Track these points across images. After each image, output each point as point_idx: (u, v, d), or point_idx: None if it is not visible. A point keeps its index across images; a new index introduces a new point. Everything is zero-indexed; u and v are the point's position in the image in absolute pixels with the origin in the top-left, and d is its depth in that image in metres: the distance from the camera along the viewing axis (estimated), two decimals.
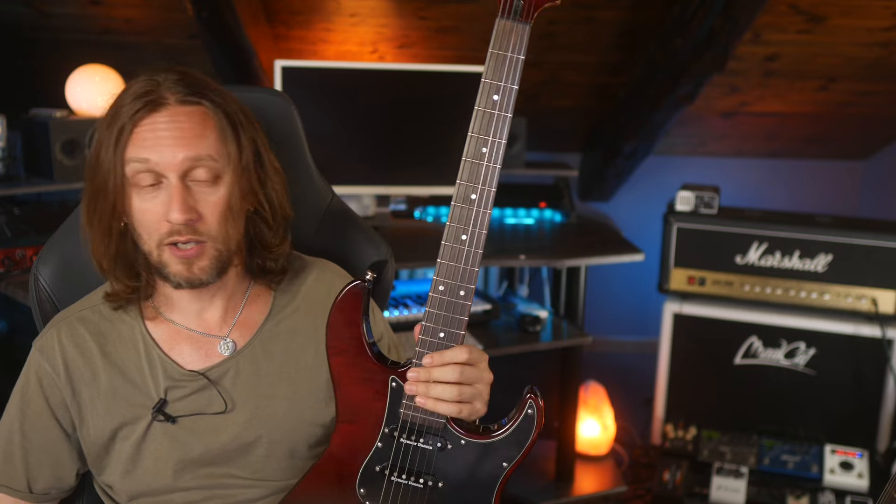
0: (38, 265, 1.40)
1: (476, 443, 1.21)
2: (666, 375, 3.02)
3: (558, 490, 2.80)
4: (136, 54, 3.32)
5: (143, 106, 1.18)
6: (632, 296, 4.05)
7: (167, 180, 1.18)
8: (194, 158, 1.18)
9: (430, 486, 1.22)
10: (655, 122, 3.53)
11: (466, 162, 1.13)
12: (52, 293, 1.40)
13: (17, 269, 2.41)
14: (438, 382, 1.17)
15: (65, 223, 1.44)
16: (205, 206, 1.20)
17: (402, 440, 1.22)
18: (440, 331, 1.17)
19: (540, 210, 3.27)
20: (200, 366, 1.30)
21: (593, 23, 3.13)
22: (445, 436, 1.21)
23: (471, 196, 1.14)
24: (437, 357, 1.17)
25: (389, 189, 2.87)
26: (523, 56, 1.13)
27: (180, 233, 1.19)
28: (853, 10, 3.00)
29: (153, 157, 1.17)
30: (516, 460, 1.22)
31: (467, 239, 1.16)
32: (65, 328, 1.30)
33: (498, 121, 1.13)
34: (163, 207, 1.18)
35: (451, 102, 2.85)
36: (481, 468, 1.22)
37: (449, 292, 1.16)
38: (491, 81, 1.13)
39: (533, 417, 1.21)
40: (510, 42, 1.13)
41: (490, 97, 1.13)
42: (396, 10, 3.13)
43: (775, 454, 2.82)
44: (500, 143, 1.13)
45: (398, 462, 1.22)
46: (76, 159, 2.61)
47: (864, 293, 2.83)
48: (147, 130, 1.18)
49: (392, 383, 1.21)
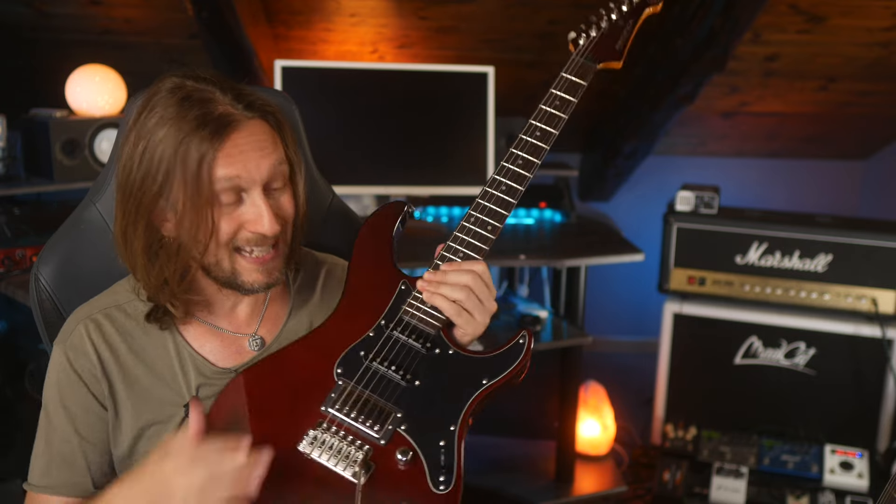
0: (38, 265, 1.40)
1: (462, 355, 1.26)
2: (666, 375, 3.02)
3: (558, 490, 2.80)
4: (136, 54, 3.32)
5: (220, 126, 1.17)
6: (632, 296, 4.05)
7: (247, 194, 1.20)
8: (275, 165, 1.22)
9: (406, 381, 1.23)
10: (655, 122, 3.53)
11: (530, 124, 1.41)
12: (52, 293, 1.39)
13: (17, 269, 2.41)
14: (449, 284, 1.25)
15: (65, 223, 1.44)
16: (280, 210, 1.25)
17: (394, 333, 1.26)
18: (461, 251, 1.31)
19: (540, 210, 3.27)
20: (231, 363, 1.31)
21: None
22: (436, 341, 1.27)
23: (518, 161, 1.36)
24: (455, 264, 1.28)
25: (389, 189, 2.87)
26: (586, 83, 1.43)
27: (264, 242, 1.22)
28: (853, 10, 3.00)
29: (242, 172, 1.18)
30: (496, 380, 1.24)
31: (506, 189, 1.33)
32: (92, 325, 1.28)
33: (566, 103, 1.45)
34: (244, 217, 1.20)
35: (451, 102, 2.85)
36: (460, 379, 1.24)
37: (479, 224, 1.32)
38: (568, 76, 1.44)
39: (523, 346, 1.29)
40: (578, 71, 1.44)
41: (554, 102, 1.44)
42: (396, 10, 3.13)
43: (775, 454, 2.82)
44: (561, 118, 1.43)
45: (383, 351, 1.25)
46: (76, 159, 2.61)
47: (864, 293, 2.83)
48: (232, 148, 1.17)
49: (402, 286, 1.32)
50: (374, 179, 2.84)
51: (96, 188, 1.44)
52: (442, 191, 2.90)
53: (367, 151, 2.85)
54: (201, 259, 1.22)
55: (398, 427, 1.19)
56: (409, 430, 1.19)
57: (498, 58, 3.13)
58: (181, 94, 1.18)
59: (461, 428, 1.20)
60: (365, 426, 1.18)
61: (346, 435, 1.18)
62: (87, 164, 2.62)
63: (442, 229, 2.95)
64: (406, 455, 1.16)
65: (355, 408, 1.20)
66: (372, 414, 1.20)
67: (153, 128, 1.17)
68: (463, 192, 2.92)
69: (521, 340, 1.29)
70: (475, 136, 2.85)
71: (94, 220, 1.42)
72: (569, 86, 1.42)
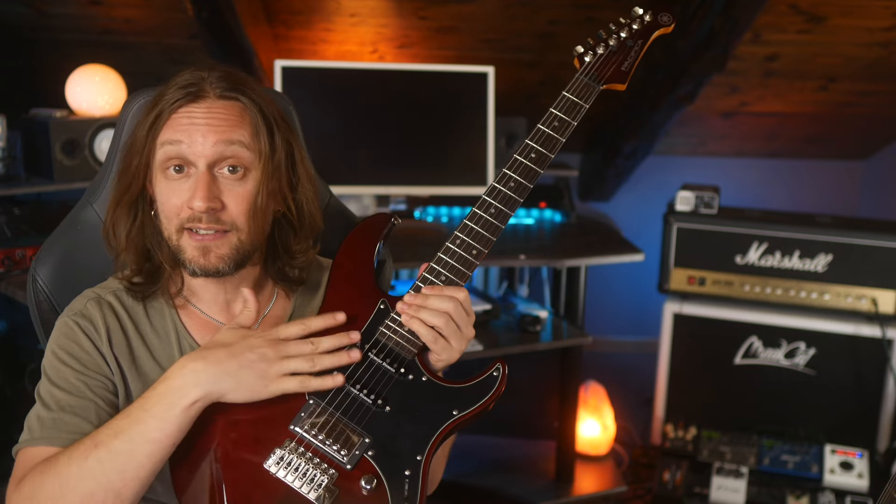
0: (36, 265, 1.39)
1: (435, 383, 1.25)
2: (666, 375, 3.02)
3: (558, 490, 2.80)
4: (136, 54, 3.32)
5: (184, 95, 1.23)
6: (632, 296, 4.05)
7: (195, 169, 1.22)
8: (226, 143, 1.21)
9: (376, 406, 1.22)
10: (655, 122, 3.53)
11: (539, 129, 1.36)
12: (50, 293, 1.39)
13: (17, 269, 2.41)
14: (429, 309, 1.23)
15: (62, 224, 1.44)
16: (229, 196, 1.23)
17: (370, 355, 1.25)
18: (443, 275, 1.28)
19: (540, 210, 3.27)
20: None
21: (593, 23, 3.13)
22: (410, 367, 1.25)
23: (531, 154, 1.34)
24: (437, 288, 1.25)
25: (389, 189, 2.87)
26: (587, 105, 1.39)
27: (200, 220, 1.21)
28: (853, 10, 3.00)
29: (185, 139, 1.21)
30: (466, 412, 1.23)
31: (495, 212, 1.31)
32: (102, 301, 1.28)
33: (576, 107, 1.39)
34: (187, 194, 1.21)
35: (451, 102, 2.85)
36: (431, 408, 1.23)
37: (464, 247, 1.29)
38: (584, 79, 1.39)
39: (496, 379, 1.26)
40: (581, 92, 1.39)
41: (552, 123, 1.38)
42: (396, 10, 3.13)
43: (775, 454, 2.82)
44: (570, 124, 1.38)
45: (356, 373, 1.24)
46: (76, 159, 2.61)
47: (864, 293, 2.83)
48: (184, 116, 1.22)
49: (381, 305, 1.29)
50: (374, 179, 2.84)
51: (93, 189, 1.44)
52: (442, 191, 2.90)
53: (366, 151, 2.85)
54: (161, 230, 1.26)
55: (365, 452, 1.19)
56: (376, 457, 1.19)
57: (498, 58, 3.13)
58: (181, 78, 1.26)
59: (427, 458, 1.20)
60: (332, 449, 1.18)
61: (312, 456, 1.17)
62: (87, 164, 2.62)
63: (442, 229, 2.95)
64: (371, 483, 1.16)
65: (324, 429, 1.19)
66: (340, 437, 1.19)
67: (148, 104, 1.27)
68: (463, 192, 2.92)
69: (496, 373, 1.26)
70: (475, 136, 2.85)
71: (90, 221, 1.42)
72: (569, 106, 1.37)
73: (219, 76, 1.26)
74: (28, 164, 2.72)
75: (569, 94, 1.37)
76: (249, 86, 1.28)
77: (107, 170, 1.44)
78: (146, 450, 1.12)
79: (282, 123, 1.29)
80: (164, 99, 1.24)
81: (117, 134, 1.44)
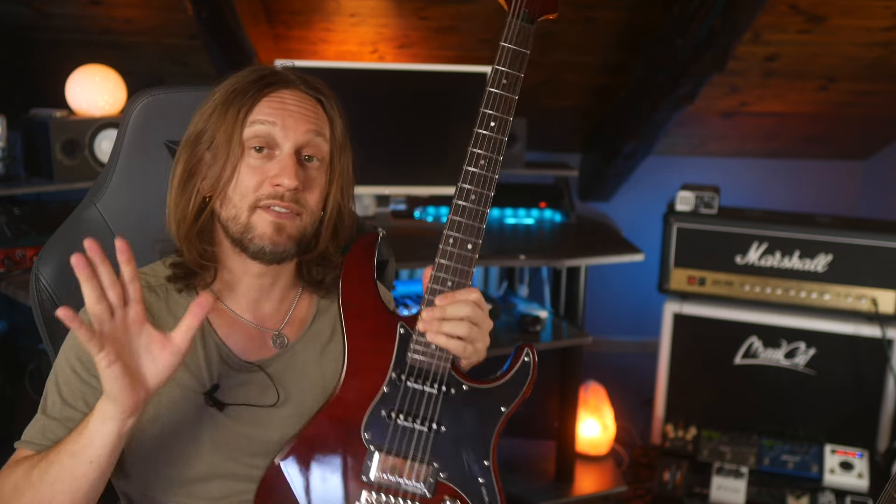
0: (38, 265, 1.40)
1: (477, 388, 1.29)
2: (666, 375, 3.02)
3: (558, 490, 2.80)
4: (136, 54, 3.32)
5: (273, 81, 1.27)
6: (632, 296, 4.05)
7: (279, 151, 1.25)
8: (315, 132, 1.27)
9: (433, 430, 1.26)
10: (655, 122, 3.53)
11: (478, 133, 1.29)
12: (52, 293, 1.39)
13: (17, 269, 2.41)
14: (449, 319, 1.25)
15: (65, 223, 1.44)
16: (308, 181, 1.27)
17: (409, 384, 1.27)
18: (448, 280, 1.28)
19: (540, 210, 3.27)
20: (254, 357, 1.31)
21: (593, 23, 3.13)
22: (449, 381, 1.28)
23: (480, 161, 1.28)
24: (450, 296, 1.27)
25: (389, 189, 2.87)
26: (528, 50, 1.33)
27: (283, 198, 1.24)
28: (853, 10, 3.00)
29: (279, 122, 1.25)
30: (513, 404, 1.29)
31: (475, 198, 1.28)
32: None
33: (506, 101, 1.32)
34: (270, 172, 1.24)
35: (451, 102, 2.85)
36: (481, 412, 1.28)
37: (458, 245, 1.28)
38: (502, 69, 1.33)
39: (529, 364, 1.31)
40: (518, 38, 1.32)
41: (501, 80, 1.33)
42: (396, 10, 3.13)
43: (775, 454, 2.82)
44: (507, 120, 1.31)
45: (404, 406, 1.26)
46: (76, 159, 2.61)
47: (864, 293, 2.83)
48: (276, 99, 1.26)
49: (400, 329, 1.29)
50: (374, 179, 2.84)
51: (96, 188, 1.45)
52: (442, 191, 2.90)
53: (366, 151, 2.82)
54: (221, 210, 1.26)
55: (438, 477, 1.25)
56: (450, 478, 1.25)
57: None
58: (257, 66, 1.31)
59: (493, 460, 1.27)
60: (409, 484, 1.24)
61: (393, 499, 1.24)
62: (87, 164, 2.62)
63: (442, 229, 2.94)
64: (454, 502, 1.23)
65: (395, 470, 1.25)
66: (412, 471, 1.25)
67: (222, 84, 1.29)
68: None
69: (527, 358, 1.31)
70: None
71: (94, 220, 1.43)
72: (512, 57, 1.32)
73: (295, 72, 1.32)
74: (28, 164, 2.72)
75: (507, 43, 1.32)
76: (323, 87, 1.34)
77: (109, 169, 1.44)
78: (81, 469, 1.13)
79: (339, 120, 1.35)
80: (244, 86, 1.26)
81: (120, 133, 1.44)
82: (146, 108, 1.43)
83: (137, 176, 1.45)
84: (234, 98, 1.25)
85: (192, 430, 1.27)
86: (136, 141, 1.44)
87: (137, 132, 1.44)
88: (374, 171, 2.85)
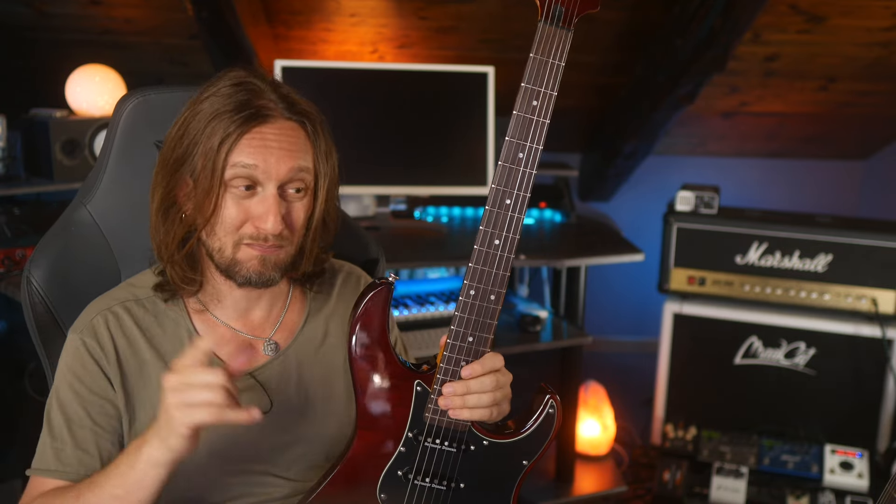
0: (29, 267, 1.38)
1: (499, 443, 1.23)
2: (666, 375, 3.02)
3: (558, 490, 2.80)
4: (136, 54, 3.32)
5: (255, 113, 1.21)
6: (632, 296, 4.05)
7: (262, 188, 1.22)
8: (297, 168, 1.22)
9: (451, 488, 1.23)
10: (655, 122, 3.53)
11: (503, 167, 1.15)
12: (45, 295, 1.38)
13: (17, 269, 2.41)
14: (474, 394, 1.19)
15: (55, 224, 1.42)
16: (290, 212, 1.24)
17: (427, 444, 1.22)
18: (469, 335, 1.18)
19: (540, 210, 3.27)
20: (245, 365, 1.29)
21: (593, 23, 3.13)
22: (469, 438, 1.23)
23: (505, 201, 1.16)
24: (477, 367, 1.19)
25: (389, 189, 2.87)
26: (563, 63, 1.13)
27: (266, 239, 1.22)
28: (853, 10, 3.00)
29: (260, 163, 1.20)
30: (536, 457, 1.24)
31: (500, 244, 1.17)
32: (110, 316, 1.28)
33: (536, 126, 1.14)
34: (253, 211, 1.22)
35: (451, 102, 2.85)
36: (502, 466, 1.23)
37: (480, 296, 1.17)
38: (532, 87, 1.13)
39: (553, 416, 1.23)
40: (552, 48, 1.12)
41: (530, 103, 1.13)
42: (396, 10, 3.13)
43: (775, 454, 2.82)
44: (536, 149, 1.15)
45: (422, 466, 1.23)
46: (76, 159, 2.61)
47: (864, 293, 2.83)
48: (256, 138, 1.21)
49: (417, 387, 1.22)
50: (374, 179, 2.84)
51: (86, 189, 1.43)
52: (442, 191, 2.90)
53: (366, 151, 2.85)
54: (207, 239, 1.24)
55: None
56: None
57: (498, 58, 3.12)
58: (236, 81, 1.24)
59: None
60: None
61: None
62: (86, 164, 2.62)
63: (442, 229, 2.95)
64: None
65: None
66: None
67: (201, 102, 1.23)
68: (463, 192, 2.92)
69: (551, 410, 1.24)
70: (475, 136, 2.85)
71: (84, 222, 1.41)
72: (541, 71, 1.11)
73: (278, 98, 1.24)
74: (28, 164, 2.72)
75: (537, 55, 1.12)
76: (303, 103, 1.28)
77: (99, 170, 1.42)
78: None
79: (323, 134, 1.30)
80: (223, 114, 1.20)
81: (110, 134, 1.42)
82: (136, 108, 1.42)
83: (127, 177, 1.43)
84: (216, 130, 1.20)
85: None
86: (126, 142, 1.43)
87: (127, 133, 1.42)
88: (375, 171, 2.85)
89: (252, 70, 1.27)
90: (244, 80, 1.24)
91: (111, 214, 1.42)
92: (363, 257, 1.59)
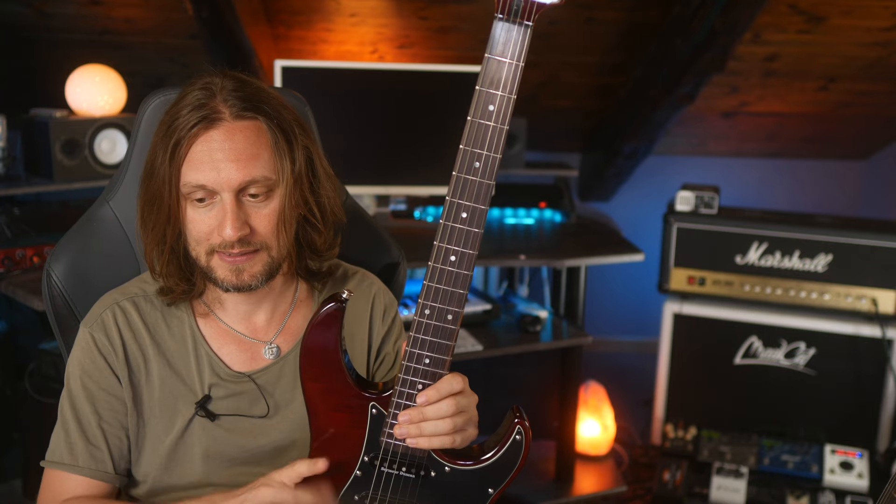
0: (50, 262, 1.41)
1: (461, 469, 1.16)
2: (666, 375, 3.02)
3: (558, 490, 2.80)
4: (136, 54, 3.32)
5: (199, 121, 1.18)
6: (632, 296, 4.05)
7: (220, 196, 1.20)
8: (249, 181, 1.19)
9: None
10: (656, 122, 3.53)
11: (457, 177, 1.05)
12: (64, 290, 1.40)
13: (17, 269, 2.41)
14: (431, 421, 1.13)
15: (79, 221, 1.45)
16: (257, 219, 1.21)
17: (384, 469, 1.17)
18: (425, 357, 1.11)
19: (540, 210, 3.27)
20: (246, 368, 1.32)
21: (593, 23, 3.13)
22: (429, 463, 1.16)
23: (461, 214, 1.06)
24: (433, 393, 1.12)
25: (389, 189, 2.87)
26: (523, 62, 1.01)
27: (232, 246, 1.20)
28: (853, 10, 3.00)
29: (209, 180, 1.18)
30: (502, 486, 1.17)
31: (456, 260, 1.08)
32: (118, 311, 1.29)
33: (493, 133, 1.03)
34: (215, 221, 1.20)
35: (451, 102, 2.84)
36: (466, 495, 1.17)
37: (436, 316, 1.09)
38: (487, 90, 1.02)
39: (521, 444, 1.16)
40: (509, 46, 1.02)
41: (486, 107, 1.03)
42: (396, 10, 3.13)
43: (775, 454, 2.82)
44: (495, 158, 1.04)
45: (378, 492, 1.18)
46: (76, 159, 2.61)
47: (864, 293, 2.83)
48: (203, 151, 1.18)
49: (372, 410, 1.17)
50: (374, 179, 2.84)
51: (110, 187, 1.46)
52: (442, 191, 2.90)
53: (366, 151, 2.85)
54: (188, 249, 1.25)
55: None
56: None
57: None
58: (190, 91, 1.22)
59: None
60: None
61: None
62: (86, 164, 2.62)
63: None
64: None
65: None
66: None
67: (166, 112, 1.23)
68: None
69: (518, 437, 1.16)
70: None
71: (107, 219, 1.44)
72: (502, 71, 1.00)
73: (232, 89, 1.21)
74: (28, 164, 2.72)
75: (493, 55, 1.04)
76: (264, 97, 1.23)
77: (124, 169, 1.45)
78: None
79: (299, 131, 1.26)
80: (178, 122, 1.19)
81: (134, 134, 1.45)
82: (157, 108, 1.43)
83: None
84: (167, 143, 1.19)
85: (185, 439, 1.28)
86: (147, 141, 1.42)
87: (149, 132, 1.42)
88: (374, 171, 2.85)
89: (223, 72, 1.25)
90: (196, 86, 1.22)
91: (133, 212, 1.42)
92: (384, 260, 1.57)
